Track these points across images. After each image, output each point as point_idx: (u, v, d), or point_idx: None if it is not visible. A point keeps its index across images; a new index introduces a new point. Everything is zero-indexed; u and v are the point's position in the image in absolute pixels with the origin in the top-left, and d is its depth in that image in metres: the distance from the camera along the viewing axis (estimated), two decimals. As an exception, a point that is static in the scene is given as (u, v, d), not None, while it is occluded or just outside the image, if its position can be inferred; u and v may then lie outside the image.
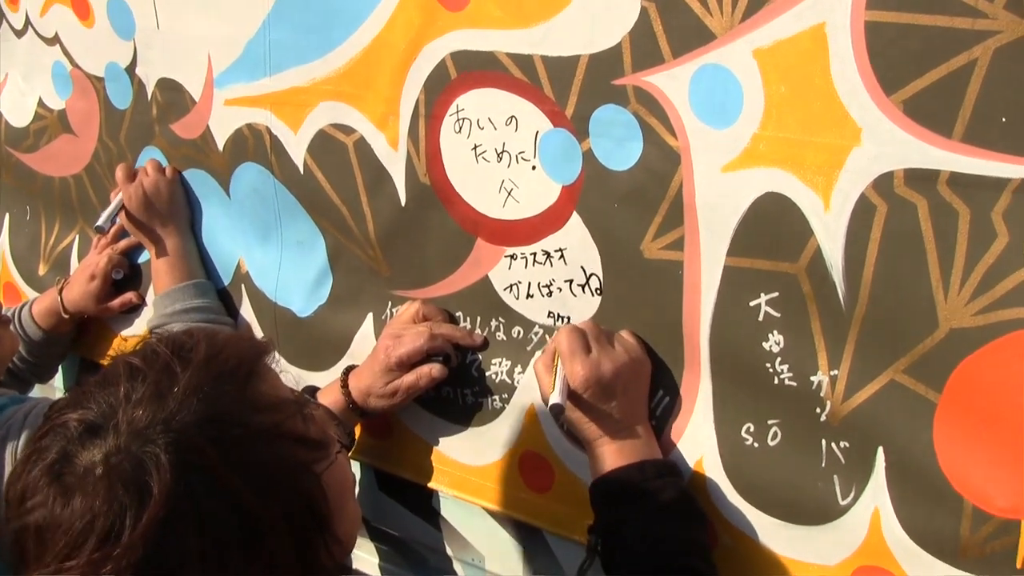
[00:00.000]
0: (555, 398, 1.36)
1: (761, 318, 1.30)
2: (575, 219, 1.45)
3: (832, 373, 1.26)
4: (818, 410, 1.28)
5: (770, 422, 1.33)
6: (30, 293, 2.43)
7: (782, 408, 1.32)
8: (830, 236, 1.22)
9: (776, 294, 1.28)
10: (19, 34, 2.28)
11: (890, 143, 1.15)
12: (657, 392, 1.44)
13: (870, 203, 1.18)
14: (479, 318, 1.62)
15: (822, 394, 1.27)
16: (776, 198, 1.25)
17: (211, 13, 1.80)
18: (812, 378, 1.28)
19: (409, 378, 1.60)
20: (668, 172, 1.33)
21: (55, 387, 2.42)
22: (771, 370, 1.31)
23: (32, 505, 1.00)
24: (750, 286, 1.30)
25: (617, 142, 1.38)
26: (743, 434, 1.36)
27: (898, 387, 1.21)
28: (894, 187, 1.16)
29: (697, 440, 1.40)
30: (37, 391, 2.29)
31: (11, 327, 2.01)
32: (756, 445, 1.35)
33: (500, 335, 1.59)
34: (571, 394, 1.38)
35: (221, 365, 1.06)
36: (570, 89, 1.40)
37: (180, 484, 0.97)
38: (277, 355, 1.15)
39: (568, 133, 1.42)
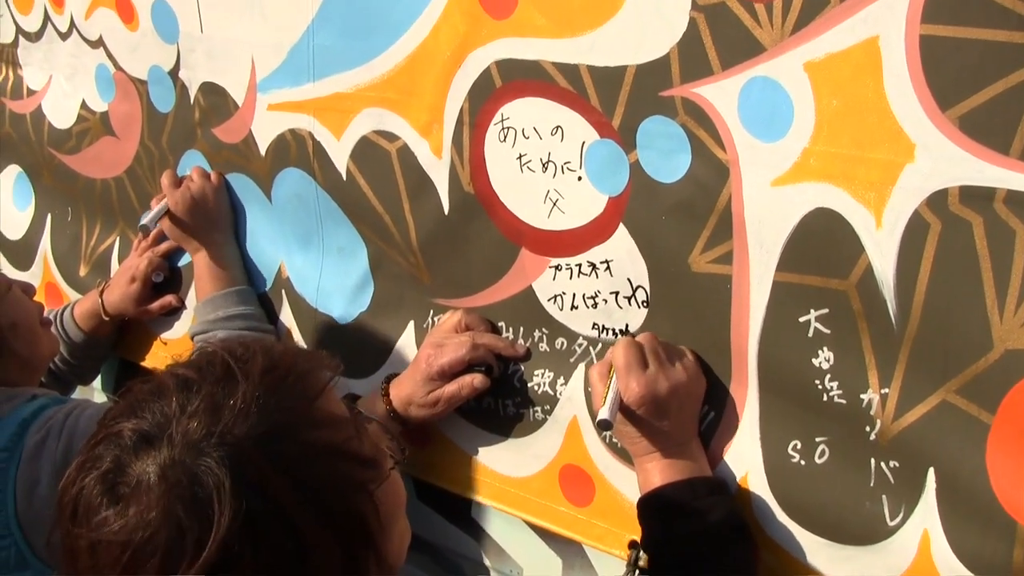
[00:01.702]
0: (604, 413, 1.35)
1: (811, 334, 1.28)
2: (621, 231, 1.44)
3: (883, 391, 1.24)
4: (868, 429, 1.26)
5: (818, 439, 1.32)
6: (71, 294, 2.44)
7: (831, 426, 1.30)
8: (882, 253, 1.20)
9: (826, 310, 1.27)
10: (63, 36, 2.28)
11: (945, 160, 1.13)
12: (703, 406, 1.42)
13: (923, 220, 1.16)
14: (522, 328, 1.60)
15: (872, 412, 1.25)
16: (827, 214, 1.23)
17: (255, 18, 1.80)
18: (862, 396, 1.26)
19: (451, 388, 1.59)
20: (717, 185, 1.32)
21: (95, 388, 2.43)
22: (820, 387, 1.29)
23: (85, 514, 0.99)
24: (800, 302, 1.29)
25: (665, 154, 1.36)
26: (790, 451, 1.34)
27: (950, 408, 1.19)
28: (948, 205, 1.14)
29: (743, 456, 1.39)
30: (78, 392, 2.30)
31: (52, 329, 2.00)
32: (803, 463, 1.33)
33: (543, 346, 1.58)
34: (624, 409, 1.37)
35: (279, 379, 1.04)
36: (617, 99, 1.38)
37: (240, 501, 0.95)
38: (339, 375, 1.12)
39: (615, 144, 1.41)
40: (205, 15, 1.90)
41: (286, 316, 1.96)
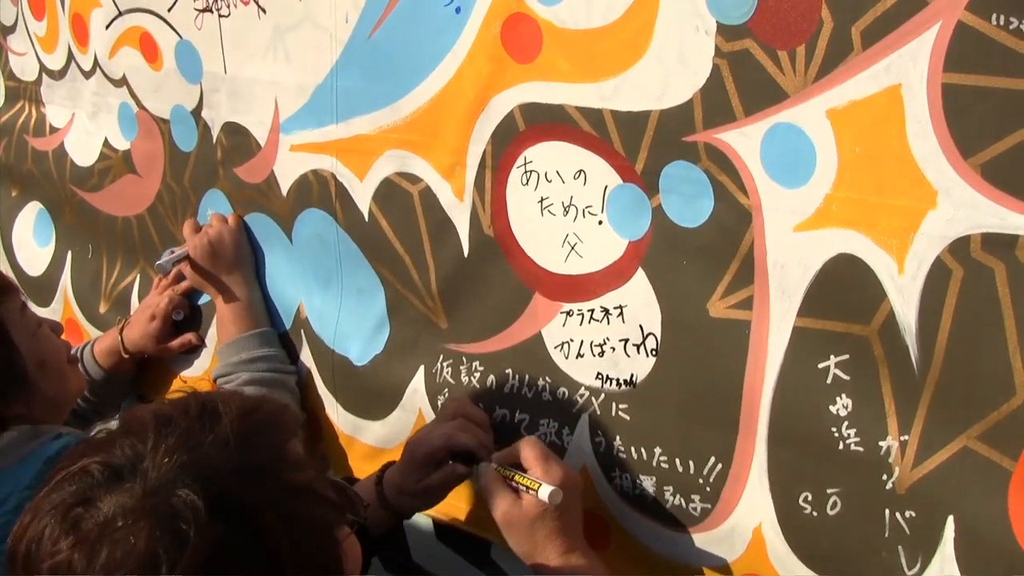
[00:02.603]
0: (544, 492, 1.38)
1: (829, 380, 1.28)
2: (639, 275, 1.44)
3: (902, 438, 1.23)
4: (884, 477, 1.25)
5: (829, 491, 1.30)
6: (91, 331, 2.44)
7: (845, 475, 1.29)
8: (904, 299, 1.20)
9: (846, 356, 1.26)
10: (87, 75, 2.30)
11: (967, 207, 1.13)
12: (708, 459, 1.41)
13: (946, 267, 1.16)
14: (527, 376, 1.60)
15: (890, 460, 1.24)
16: (849, 259, 1.23)
17: (279, 59, 1.81)
18: (880, 443, 1.25)
19: (437, 477, 1.57)
20: (739, 230, 1.32)
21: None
22: (836, 435, 1.28)
23: (45, 557, 0.96)
24: (819, 348, 1.28)
25: (687, 199, 1.36)
26: (800, 503, 1.33)
27: (971, 454, 1.18)
28: (971, 251, 1.13)
29: (754, 507, 1.38)
30: (97, 430, 2.29)
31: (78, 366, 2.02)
32: (815, 514, 1.32)
33: (547, 395, 1.58)
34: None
35: (256, 420, 1.06)
36: (640, 144, 1.39)
37: (215, 528, 0.94)
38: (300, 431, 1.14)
39: (638, 188, 1.41)
40: (229, 55, 1.92)
41: (306, 356, 1.97)
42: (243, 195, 2.01)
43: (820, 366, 1.28)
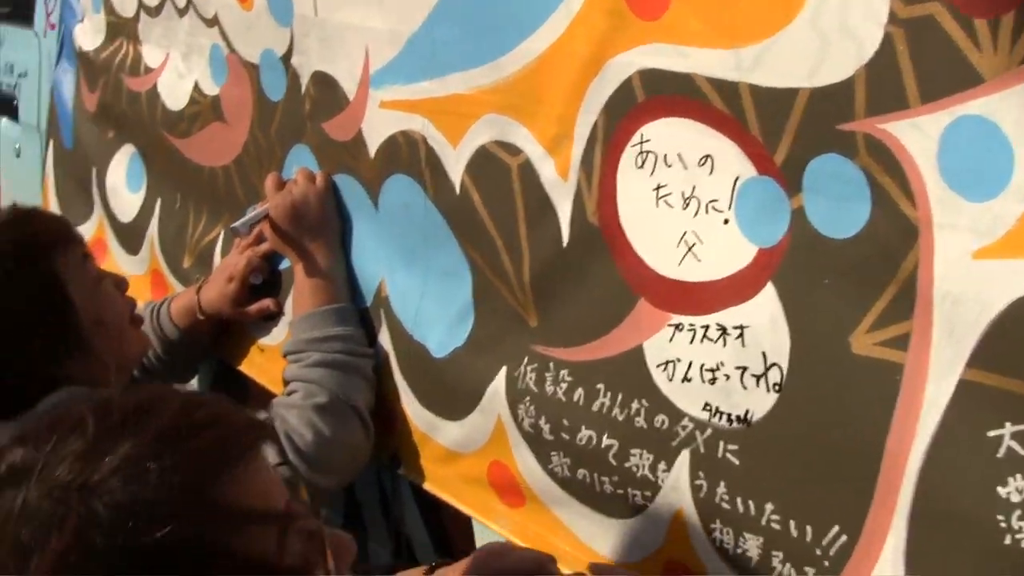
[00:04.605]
0: None
1: (1002, 454, 1.01)
2: (768, 291, 1.21)
3: (1094, 541, 0.96)
4: (1063, 586, 0.99)
5: (985, 593, 1.05)
6: (175, 284, 2.38)
7: (1007, 577, 1.03)
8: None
9: (1028, 427, 1.00)
10: (181, 12, 2.24)
11: None
12: (831, 527, 1.17)
13: None
14: (620, 395, 1.39)
15: (1074, 566, 0.98)
16: (1045, 302, 0.97)
17: (372, 2, 1.67)
18: (1063, 544, 0.98)
19: None
20: (901, 248, 1.07)
21: (192, 387, 2.36)
22: (1004, 525, 1.01)
23: None
24: (992, 411, 1.02)
25: (838, 202, 1.12)
26: (945, 602, 1.07)
27: None
28: None
29: (883, 596, 1.13)
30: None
31: (146, 325, 1.99)
32: (960, 619, 1.06)
33: (640, 421, 1.36)
34: None
35: (181, 445, 0.89)
36: (783, 130, 1.16)
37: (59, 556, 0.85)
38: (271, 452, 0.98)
39: (776, 184, 1.18)
40: (320, -4, 1.80)
41: (384, 339, 1.81)
42: (330, 153, 1.87)
43: (991, 434, 1.02)
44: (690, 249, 1.28)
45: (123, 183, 2.60)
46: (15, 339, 1.59)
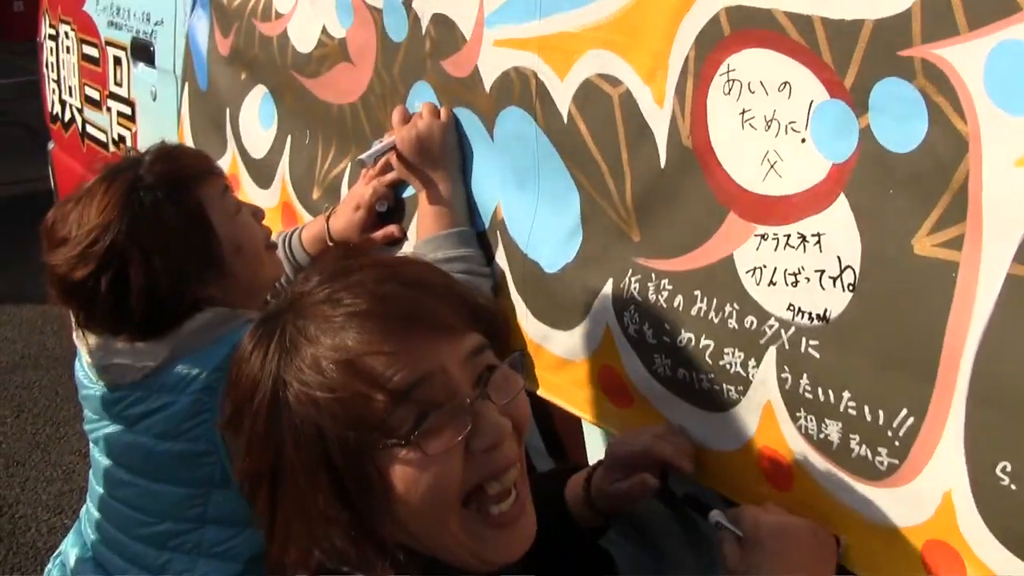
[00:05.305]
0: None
1: (1046, 338, 1.12)
2: (841, 202, 1.30)
3: None
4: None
5: (1033, 464, 1.15)
6: (305, 215, 2.48)
7: (1056, 449, 1.13)
8: None
9: (1068, 314, 1.10)
10: None
11: None
12: (900, 410, 1.27)
13: None
14: (715, 300, 1.49)
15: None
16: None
17: None
18: (1102, 418, 1.09)
19: (626, 484, 1.54)
20: (953, 160, 1.17)
21: None
22: (1050, 402, 1.12)
23: None
24: (1036, 301, 1.12)
25: (899, 120, 1.22)
26: (998, 472, 1.17)
27: None
28: None
29: (944, 471, 1.23)
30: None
31: (280, 252, 2.07)
32: (1014, 487, 1.16)
33: (732, 323, 1.47)
34: None
35: None
36: (851, 57, 1.25)
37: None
38: None
39: (846, 106, 1.28)
40: (441, -58, 1.86)
41: (500, 259, 1.92)
42: (449, 89, 1.96)
43: (1037, 321, 1.12)
44: (772, 166, 1.38)
45: (256, 121, 2.68)
46: (166, 261, 1.69)
